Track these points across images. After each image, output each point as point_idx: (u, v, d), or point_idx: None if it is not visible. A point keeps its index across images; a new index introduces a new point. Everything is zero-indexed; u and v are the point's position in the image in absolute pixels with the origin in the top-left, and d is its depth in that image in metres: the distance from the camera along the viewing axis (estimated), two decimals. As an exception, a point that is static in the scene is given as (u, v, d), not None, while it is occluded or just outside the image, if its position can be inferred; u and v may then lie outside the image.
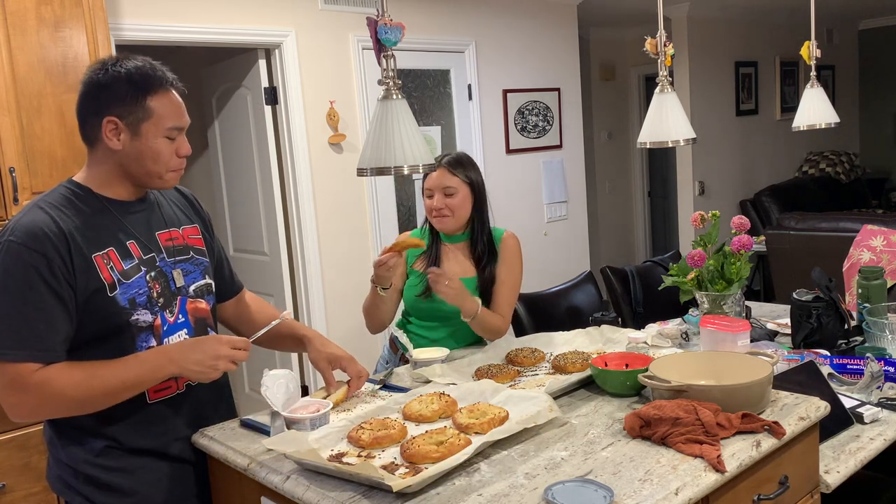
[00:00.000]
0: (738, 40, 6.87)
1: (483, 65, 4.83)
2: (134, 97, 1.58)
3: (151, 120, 1.59)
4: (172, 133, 1.63)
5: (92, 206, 1.62)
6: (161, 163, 1.63)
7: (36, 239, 1.51)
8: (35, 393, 1.50)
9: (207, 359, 1.58)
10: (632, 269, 3.40)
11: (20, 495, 2.67)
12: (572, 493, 1.28)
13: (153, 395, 1.65)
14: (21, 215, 1.56)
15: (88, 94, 1.60)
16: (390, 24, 1.55)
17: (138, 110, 1.58)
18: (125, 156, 1.61)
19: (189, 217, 1.83)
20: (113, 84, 1.58)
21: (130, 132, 1.59)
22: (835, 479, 1.65)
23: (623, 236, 7.63)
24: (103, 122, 1.58)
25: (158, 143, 1.61)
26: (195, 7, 3.60)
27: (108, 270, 1.58)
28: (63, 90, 2.89)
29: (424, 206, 2.45)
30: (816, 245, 4.84)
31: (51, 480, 1.70)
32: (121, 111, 1.58)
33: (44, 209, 1.57)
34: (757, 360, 1.69)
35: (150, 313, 1.63)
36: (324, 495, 1.36)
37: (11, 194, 2.79)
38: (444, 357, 2.12)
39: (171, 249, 1.72)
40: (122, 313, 1.59)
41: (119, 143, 1.59)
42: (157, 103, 1.60)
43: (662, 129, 2.27)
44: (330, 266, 4.15)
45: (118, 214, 1.65)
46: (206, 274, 1.80)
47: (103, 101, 1.58)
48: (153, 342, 1.64)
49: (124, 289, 1.60)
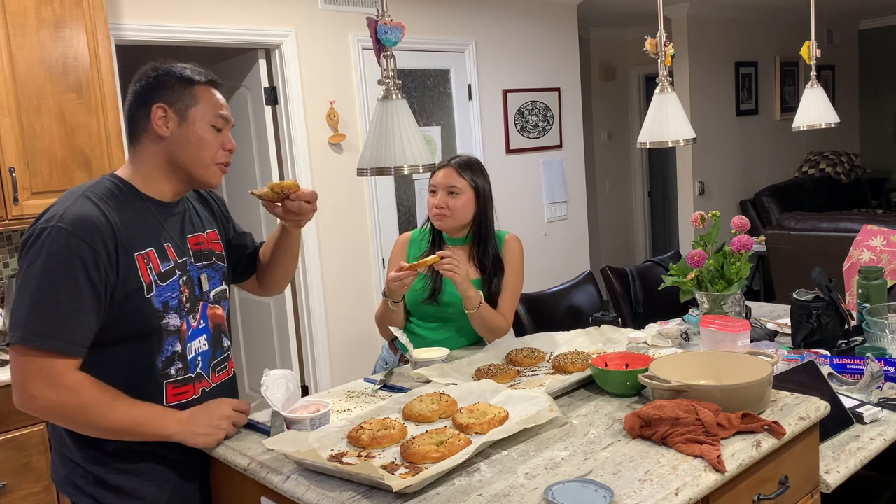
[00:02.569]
0: (738, 40, 6.87)
1: (483, 65, 4.83)
2: (182, 85, 1.62)
3: (199, 106, 1.63)
4: (219, 122, 1.66)
5: (136, 204, 1.62)
6: (208, 151, 1.64)
7: (86, 229, 1.49)
8: (64, 393, 1.48)
9: (214, 420, 1.62)
10: (632, 269, 3.40)
11: (20, 495, 2.67)
12: (572, 493, 1.28)
13: (171, 399, 1.65)
14: (69, 202, 1.54)
15: (137, 93, 1.63)
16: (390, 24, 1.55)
17: (186, 97, 1.62)
18: (173, 142, 1.62)
19: (210, 221, 1.84)
20: (162, 76, 1.63)
21: (178, 118, 1.62)
22: (835, 479, 1.65)
23: (623, 236, 7.63)
24: (152, 108, 1.60)
25: (205, 131, 1.64)
26: (195, 7, 3.60)
27: (147, 271, 1.58)
28: (63, 90, 2.89)
29: (428, 202, 2.45)
30: (816, 245, 4.84)
31: (57, 480, 1.70)
32: (169, 98, 1.61)
33: (93, 200, 1.55)
34: (757, 360, 1.69)
35: (178, 318, 1.64)
36: (324, 495, 1.36)
37: (11, 194, 2.79)
38: (444, 357, 2.11)
39: (198, 254, 1.73)
40: (154, 316, 1.59)
41: (168, 130, 1.61)
42: (204, 93, 1.65)
43: (662, 129, 2.27)
44: (330, 266, 4.15)
45: (158, 215, 1.65)
46: (223, 279, 1.81)
47: (152, 91, 1.62)
48: (178, 346, 1.64)
49: (160, 291, 1.60)
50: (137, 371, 1.60)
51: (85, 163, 2.96)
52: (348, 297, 4.22)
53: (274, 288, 2.05)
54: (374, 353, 2.97)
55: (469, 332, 2.44)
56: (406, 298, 2.44)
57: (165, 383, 1.63)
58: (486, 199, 2.45)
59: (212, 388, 1.73)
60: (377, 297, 4.26)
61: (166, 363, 1.63)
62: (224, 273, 1.82)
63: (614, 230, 7.51)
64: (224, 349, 1.79)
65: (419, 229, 2.58)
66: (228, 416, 1.65)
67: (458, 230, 2.45)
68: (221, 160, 1.68)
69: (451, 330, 2.45)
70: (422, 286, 2.42)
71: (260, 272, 2.01)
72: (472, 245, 2.47)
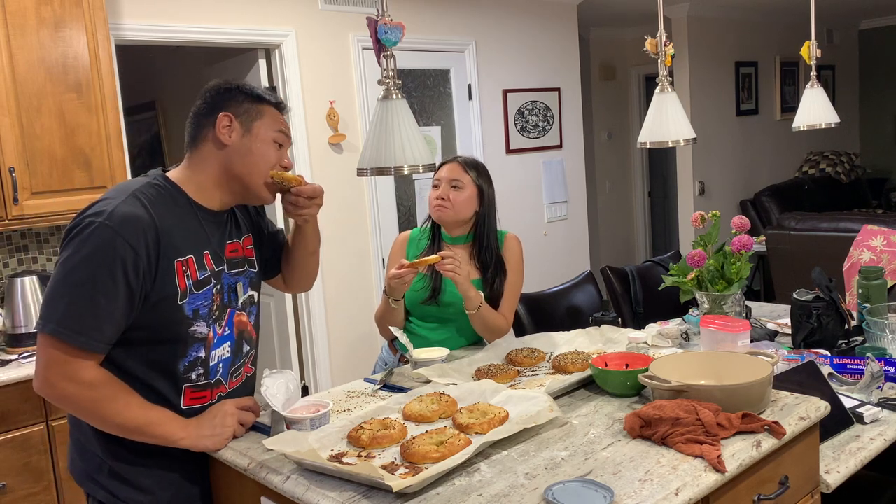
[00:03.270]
0: (738, 40, 6.87)
1: (483, 65, 4.83)
2: (250, 100, 1.67)
3: (263, 120, 1.67)
4: (280, 138, 1.69)
5: (184, 210, 1.62)
6: (266, 164, 1.67)
7: (132, 230, 1.49)
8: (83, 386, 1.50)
9: (218, 422, 1.62)
10: (632, 269, 3.40)
11: (20, 495, 2.67)
12: (572, 493, 1.28)
13: (188, 402, 1.65)
14: (117, 201, 1.53)
15: (206, 101, 1.66)
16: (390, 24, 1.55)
17: (252, 110, 1.66)
18: (234, 151, 1.64)
19: (247, 225, 1.84)
20: (232, 89, 1.67)
21: (243, 128, 1.64)
22: (835, 479, 1.65)
23: (623, 236, 7.63)
24: (218, 116, 1.63)
25: (267, 146, 1.67)
26: (195, 7, 3.60)
27: (184, 278, 1.58)
28: (63, 90, 2.89)
29: (428, 197, 2.45)
30: (816, 245, 4.84)
31: (74, 473, 1.70)
32: (236, 109, 1.65)
33: (142, 201, 1.55)
34: (757, 360, 1.69)
35: (206, 326, 1.64)
36: (324, 495, 1.36)
37: (11, 194, 2.79)
38: (444, 357, 2.11)
39: (232, 262, 1.73)
40: (183, 322, 1.59)
41: (230, 138, 1.63)
42: (270, 111, 1.69)
43: (662, 129, 2.27)
44: (330, 266, 4.15)
45: (204, 223, 1.66)
46: (251, 286, 1.81)
47: (221, 102, 1.65)
48: (202, 353, 1.64)
49: (192, 299, 1.60)
50: (158, 371, 1.60)
51: (85, 163, 2.96)
52: (348, 297, 4.22)
53: (298, 286, 2.05)
54: (374, 354, 2.97)
55: (469, 333, 2.44)
56: (406, 298, 2.44)
57: (185, 387, 1.64)
58: (490, 201, 2.45)
59: (227, 392, 1.74)
60: (377, 297, 4.26)
61: (188, 368, 1.63)
62: (253, 279, 1.82)
63: (614, 230, 7.51)
64: (243, 354, 1.79)
65: (419, 228, 2.58)
66: (233, 414, 1.65)
67: (456, 226, 2.45)
68: None
69: (452, 330, 2.45)
70: (422, 286, 2.42)
71: (283, 269, 2.01)
72: (473, 245, 2.47)
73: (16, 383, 2.60)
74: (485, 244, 2.45)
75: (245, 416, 1.68)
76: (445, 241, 2.49)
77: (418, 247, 2.51)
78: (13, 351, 2.89)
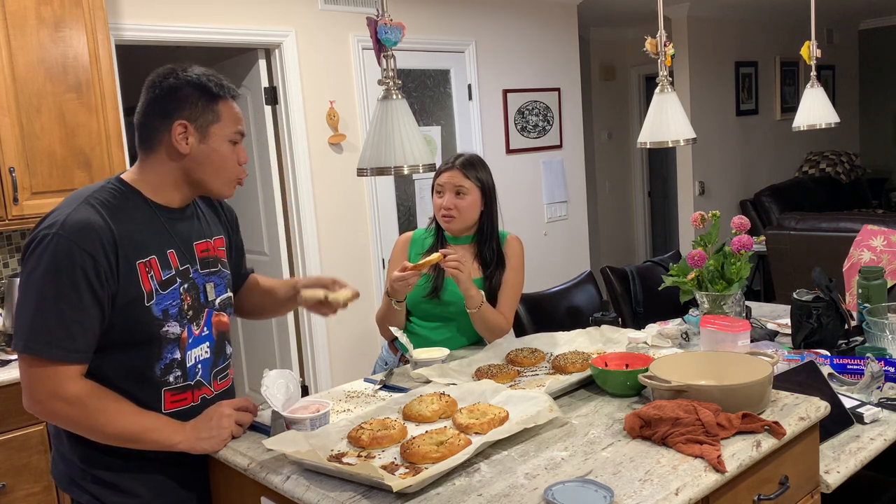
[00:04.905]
0: (738, 40, 6.87)
1: (483, 65, 4.83)
2: (205, 101, 1.61)
3: (220, 123, 1.62)
4: (236, 137, 1.66)
5: (141, 211, 1.61)
6: (226, 168, 1.65)
7: (87, 238, 1.48)
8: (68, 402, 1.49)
9: (214, 424, 1.61)
10: (632, 269, 3.40)
11: (20, 495, 2.67)
12: (572, 493, 1.28)
13: (168, 406, 1.64)
14: (70, 209, 1.52)
15: (156, 99, 1.60)
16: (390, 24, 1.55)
17: (208, 113, 1.61)
18: (192, 160, 1.61)
19: (217, 227, 1.83)
20: (184, 88, 1.60)
21: (199, 135, 1.60)
22: (835, 479, 1.65)
23: (623, 236, 7.63)
24: (173, 125, 1.58)
25: (224, 148, 1.64)
26: (195, 7, 3.60)
27: (148, 279, 1.57)
28: (63, 90, 2.89)
29: (433, 203, 2.45)
30: (816, 245, 4.84)
31: (57, 477, 1.70)
32: (191, 114, 1.59)
33: (95, 207, 1.54)
34: (757, 360, 1.69)
35: (179, 325, 1.63)
36: (324, 495, 1.36)
37: (11, 194, 2.79)
38: (444, 357, 2.11)
39: (204, 261, 1.72)
40: (154, 324, 1.58)
41: (188, 146, 1.60)
42: (224, 108, 1.64)
43: (662, 129, 2.27)
44: (330, 266, 4.15)
45: (164, 222, 1.64)
46: (228, 287, 1.80)
47: (173, 104, 1.59)
48: (177, 354, 1.63)
49: (160, 299, 1.59)
50: (136, 377, 1.59)
51: (85, 163, 2.96)
52: (348, 297, 4.22)
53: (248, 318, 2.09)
54: (374, 353, 2.97)
55: (470, 332, 2.44)
56: (407, 298, 2.44)
57: (164, 390, 1.63)
58: (491, 194, 2.46)
59: (213, 395, 1.73)
60: (377, 297, 4.25)
61: (165, 370, 1.62)
62: (229, 280, 1.81)
63: (614, 230, 7.51)
64: (227, 356, 1.79)
65: (423, 229, 2.58)
66: (229, 415, 1.64)
67: (464, 230, 2.46)
68: (239, 175, 1.69)
69: (453, 329, 2.45)
70: (423, 283, 2.42)
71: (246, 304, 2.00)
72: (476, 244, 2.47)
73: (16, 383, 2.59)
74: (487, 241, 2.46)
75: (242, 416, 1.67)
76: (449, 241, 2.49)
77: (422, 246, 2.51)
78: (13, 351, 2.89)
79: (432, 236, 2.51)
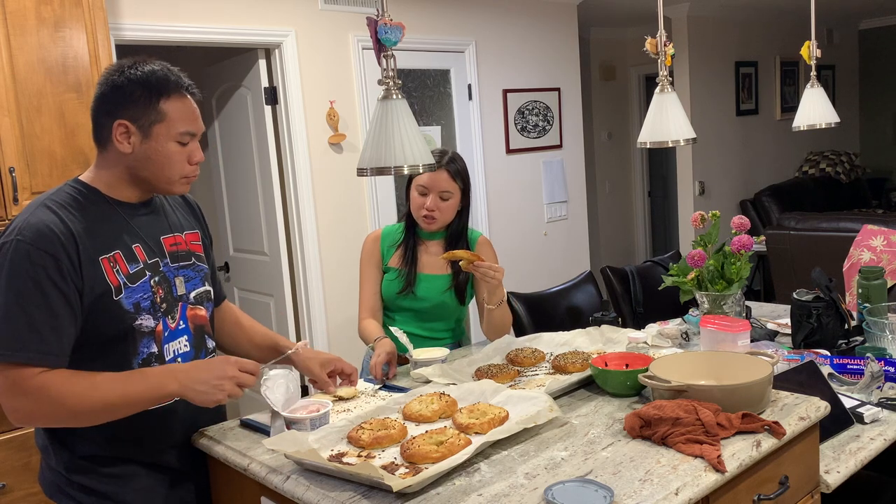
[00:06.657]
0: (738, 40, 6.87)
1: (483, 65, 4.83)
2: (147, 100, 1.57)
3: (164, 123, 1.58)
4: (184, 138, 1.62)
5: (100, 208, 1.61)
6: (172, 168, 1.62)
7: (45, 239, 1.49)
8: (33, 397, 1.48)
9: (213, 378, 1.54)
10: (632, 269, 3.40)
11: (20, 495, 2.67)
12: (572, 493, 1.28)
13: None
14: (28, 214, 1.54)
15: (103, 96, 1.59)
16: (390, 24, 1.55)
17: (151, 112, 1.57)
18: (135, 159, 1.60)
19: (191, 223, 1.82)
20: (128, 86, 1.57)
21: (142, 135, 1.58)
22: (835, 479, 1.65)
23: (623, 236, 7.63)
24: (114, 124, 1.57)
25: (169, 147, 1.60)
26: (195, 7, 3.60)
27: (114, 274, 1.57)
28: (63, 90, 2.89)
29: (412, 200, 2.45)
30: (816, 245, 4.84)
31: (44, 484, 1.69)
32: (133, 113, 1.57)
33: (51, 209, 1.54)
34: (757, 360, 1.69)
35: (152, 318, 1.62)
36: (324, 495, 1.36)
37: (11, 194, 2.79)
38: (444, 357, 2.12)
39: (174, 255, 1.71)
40: (126, 317, 1.58)
41: (129, 146, 1.58)
42: (171, 107, 1.59)
43: (662, 129, 2.27)
44: (330, 266, 4.15)
45: (125, 217, 1.64)
46: (205, 281, 1.79)
47: (116, 103, 1.57)
48: (154, 348, 1.63)
49: (129, 293, 1.59)
50: None
51: (85, 163, 2.96)
52: (347, 297, 4.22)
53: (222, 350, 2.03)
54: (374, 353, 2.97)
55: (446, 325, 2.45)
56: (383, 292, 2.46)
57: None
58: (468, 195, 2.48)
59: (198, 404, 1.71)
60: (377, 297, 4.25)
61: (143, 365, 1.61)
62: (206, 274, 1.80)
63: (614, 230, 7.51)
64: (209, 350, 1.78)
65: (392, 225, 2.58)
66: (232, 376, 1.56)
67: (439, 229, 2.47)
68: (188, 174, 1.65)
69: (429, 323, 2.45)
70: (395, 278, 2.43)
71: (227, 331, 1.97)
72: (447, 239, 2.48)
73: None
74: (459, 238, 2.47)
75: (245, 378, 1.58)
76: (422, 237, 2.49)
77: (394, 241, 2.51)
78: None
79: (401, 233, 2.51)
